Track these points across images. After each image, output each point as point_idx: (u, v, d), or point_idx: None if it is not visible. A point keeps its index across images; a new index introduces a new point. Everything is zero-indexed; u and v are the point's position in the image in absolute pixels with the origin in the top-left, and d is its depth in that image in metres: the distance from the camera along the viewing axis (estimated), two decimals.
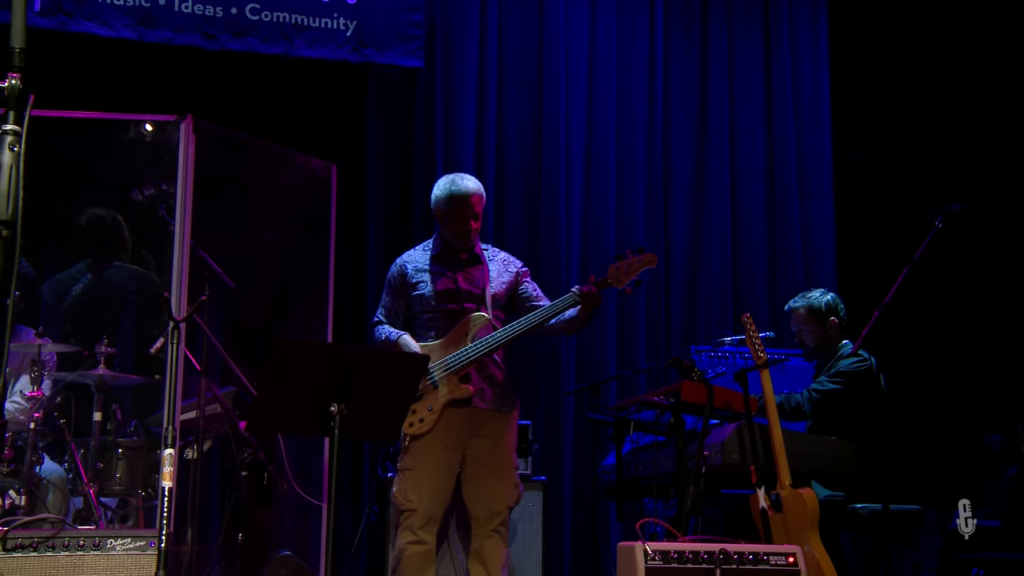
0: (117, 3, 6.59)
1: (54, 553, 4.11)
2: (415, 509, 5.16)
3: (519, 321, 5.22)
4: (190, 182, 5.07)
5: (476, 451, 5.29)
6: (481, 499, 5.29)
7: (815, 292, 5.98)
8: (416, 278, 5.37)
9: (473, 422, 5.25)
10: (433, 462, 5.20)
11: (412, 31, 7.08)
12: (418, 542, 5.21)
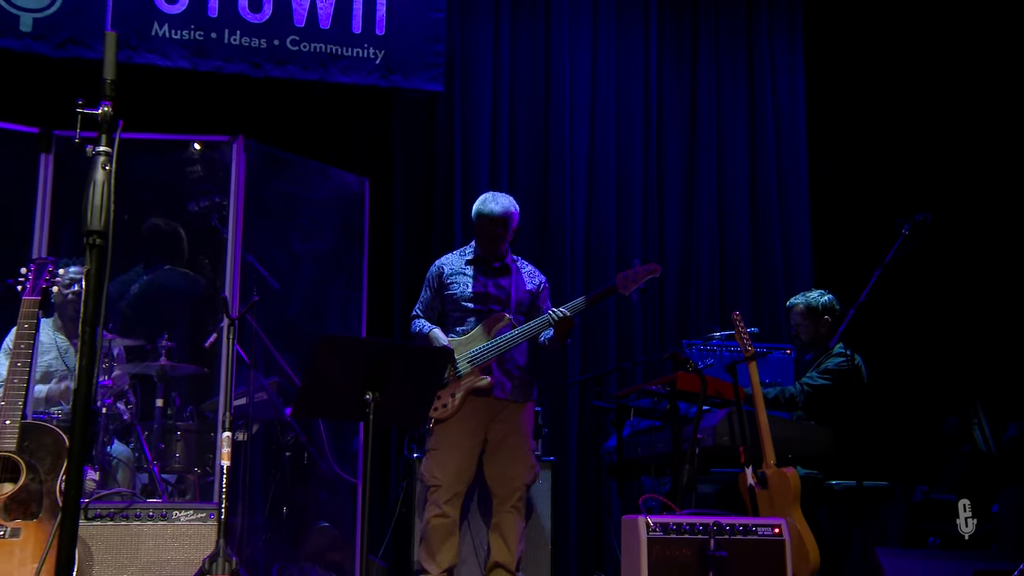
0: (174, 37, 6.63)
1: (127, 523, 4.19)
2: (440, 485, 5.22)
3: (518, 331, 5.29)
4: (241, 195, 5.10)
5: (496, 435, 5.35)
6: (500, 478, 5.35)
7: (814, 292, 6.02)
8: (451, 279, 5.45)
9: (493, 410, 5.31)
10: (456, 444, 5.26)
11: (434, 59, 7.08)
12: (443, 515, 5.27)
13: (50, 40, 6.46)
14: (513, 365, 5.37)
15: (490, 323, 5.30)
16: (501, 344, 5.24)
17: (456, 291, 5.41)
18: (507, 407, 5.35)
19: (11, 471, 3.71)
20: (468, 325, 5.36)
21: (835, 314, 5.90)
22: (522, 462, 5.35)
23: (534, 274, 5.64)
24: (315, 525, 6.03)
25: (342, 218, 5.93)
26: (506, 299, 5.43)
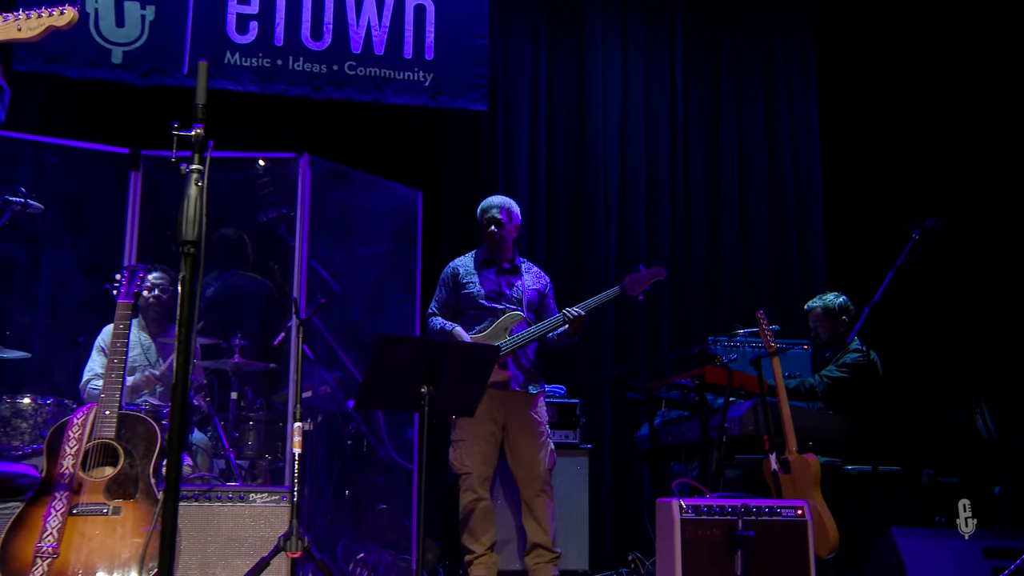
0: (244, 64, 6.74)
1: (210, 503, 4.24)
2: (471, 472, 5.26)
3: (534, 327, 5.33)
4: (307, 207, 5.12)
5: (514, 426, 5.37)
6: (524, 466, 5.37)
7: (830, 295, 6.01)
8: (466, 279, 5.48)
9: (510, 401, 5.34)
10: (479, 433, 5.29)
11: (478, 81, 7.15)
12: (478, 498, 5.30)
13: (137, 70, 6.60)
14: (525, 359, 5.42)
15: (507, 321, 5.35)
16: (517, 340, 5.28)
17: (473, 290, 5.45)
18: (523, 398, 5.39)
19: (111, 456, 3.78)
20: (484, 323, 5.39)
21: (851, 314, 5.90)
22: (541, 449, 5.37)
23: (540, 275, 5.69)
24: (374, 507, 6.06)
25: (397, 227, 5.96)
26: (519, 298, 5.48)
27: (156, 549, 3.53)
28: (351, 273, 5.97)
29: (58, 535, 3.53)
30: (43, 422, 4.84)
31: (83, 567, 3.53)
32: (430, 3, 7.17)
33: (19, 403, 4.78)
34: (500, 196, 5.71)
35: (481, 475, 5.30)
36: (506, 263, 5.56)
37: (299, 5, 6.95)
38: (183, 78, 6.68)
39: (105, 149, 5.33)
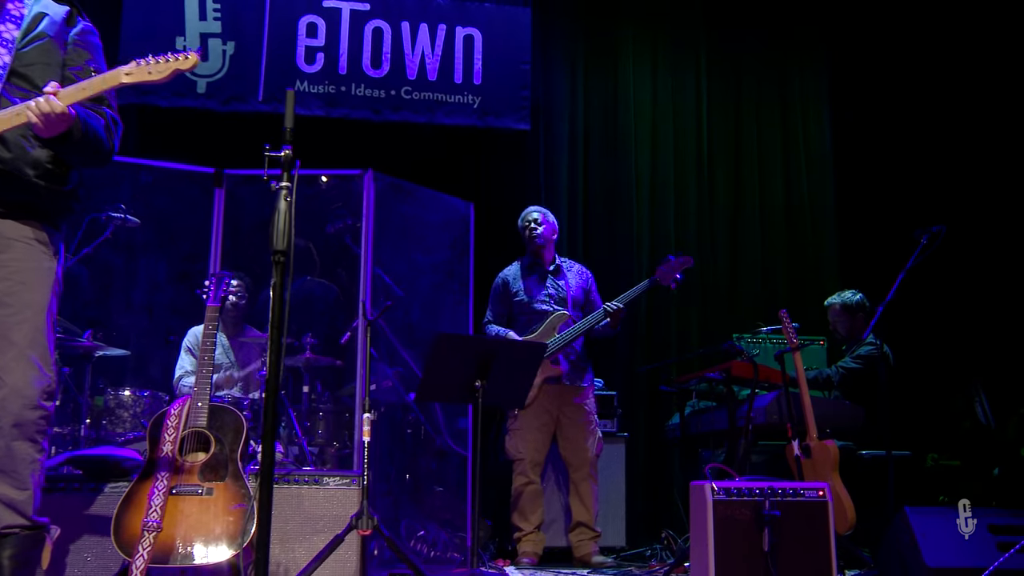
0: (312, 91, 6.87)
1: (288, 485, 4.26)
2: (524, 458, 5.35)
3: (578, 323, 5.39)
4: (371, 218, 5.18)
5: (566, 415, 5.46)
6: (574, 451, 5.47)
7: (847, 292, 6.04)
8: (515, 287, 5.56)
9: (562, 394, 5.43)
10: (534, 423, 5.39)
11: (522, 102, 7.24)
12: (529, 482, 5.39)
13: (218, 98, 6.74)
14: (574, 354, 5.49)
15: (554, 321, 5.43)
16: (565, 337, 5.36)
17: (523, 296, 5.53)
18: (573, 390, 5.47)
19: (203, 443, 3.87)
20: (536, 324, 5.47)
21: (866, 310, 5.92)
22: (590, 436, 5.47)
23: (583, 271, 5.75)
24: (432, 489, 6.11)
25: (452, 236, 5.98)
26: (564, 297, 5.56)
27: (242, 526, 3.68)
28: (410, 278, 5.99)
29: (161, 512, 3.64)
30: (141, 412, 4.97)
31: (182, 540, 3.64)
32: (478, 33, 7.27)
33: (121, 395, 4.90)
34: (536, 206, 5.82)
35: (533, 461, 5.40)
36: (548, 266, 5.64)
37: (361, 37, 7.07)
38: (258, 104, 6.82)
39: (192, 169, 5.40)
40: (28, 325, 2.94)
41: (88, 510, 4.04)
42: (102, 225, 5.35)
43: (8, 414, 2.87)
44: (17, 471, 2.88)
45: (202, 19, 6.84)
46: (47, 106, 2.77)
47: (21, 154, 2.97)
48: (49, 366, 2.98)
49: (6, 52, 2.98)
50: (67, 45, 3.12)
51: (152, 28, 6.70)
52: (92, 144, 3.00)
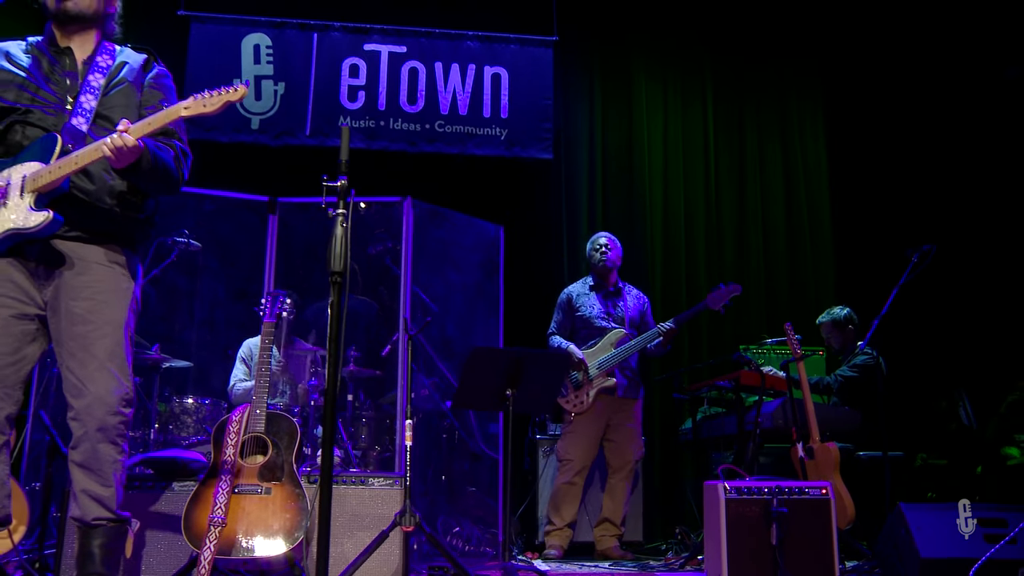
0: (354, 126, 6.96)
1: (336, 485, 4.25)
2: (572, 460, 5.37)
3: (634, 341, 5.43)
4: (410, 241, 5.21)
5: (615, 423, 5.47)
6: (618, 453, 5.49)
7: (836, 309, 6.03)
8: (579, 302, 5.60)
9: (614, 405, 5.45)
10: (586, 431, 5.40)
11: (545, 134, 7.28)
12: (571, 483, 5.40)
13: (270, 133, 6.84)
14: (629, 370, 5.53)
15: (611, 337, 5.46)
16: (622, 353, 5.40)
17: (586, 312, 5.57)
18: (624, 402, 5.50)
19: (262, 447, 3.93)
20: (596, 339, 5.51)
21: (855, 322, 5.93)
22: (635, 443, 5.50)
23: (640, 296, 5.79)
24: (465, 489, 6.13)
25: (483, 257, 6.00)
26: (623, 316, 5.60)
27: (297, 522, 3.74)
28: (445, 296, 6.03)
29: (225, 509, 3.71)
30: (202, 418, 5.01)
31: (244, 534, 3.71)
32: (504, 71, 7.34)
33: (185, 403, 4.96)
34: (605, 232, 5.85)
35: (581, 464, 5.42)
36: (611, 287, 5.69)
37: (398, 77, 7.16)
38: (305, 138, 6.92)
39: (248, 197, 5.48)
40: (109, 340, 3.01)
41: (159, 506, 4.12)
42: (168, 249, 5.43)
43: (93, 419, 2.94)
44: (102, 470, 2.95)
45: (256, 63, 6.97)
46: (119, 140, 2.83)
47: (102, 185, 3.05)
48: (127, 377, 3.05)
49: (93, 98, 3.07)
50: (143, 88, 3.20)
51: (213, 72, 6.83)
52: (162, 173, 3.06)
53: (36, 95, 3.05)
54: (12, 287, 2.98)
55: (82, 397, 2.96)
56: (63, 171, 2.91)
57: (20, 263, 3.00)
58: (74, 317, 2.98)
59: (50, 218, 2.89)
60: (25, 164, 2.93)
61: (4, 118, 3.03)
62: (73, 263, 3.02)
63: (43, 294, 3.02)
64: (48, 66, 3.11)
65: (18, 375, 2.97)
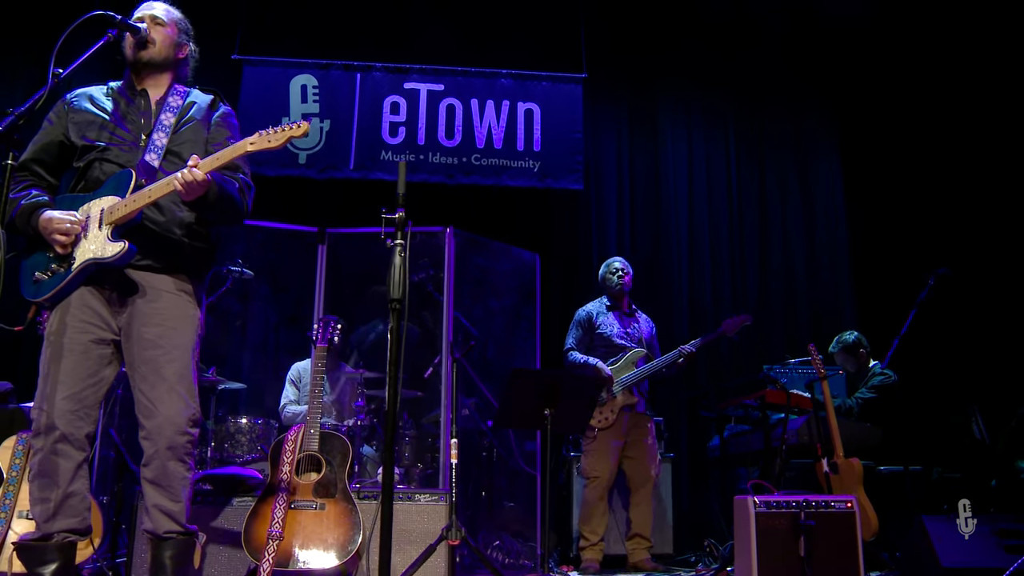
0: (394, 159, 7.06)
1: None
2: (599, 476, 5.35)
3: (657, 360, 5.44)
4: (452, 269, 5.26)
5: (633, 440, 5.45)
6: (638, 471, 5.45)
7: (845, 335, 6.02)
8: (599, 321, 5.60)
9: (632, 420, 5.44)
10: (610, 447, 5.37)
11: (576, 166, 7.31)
12: (600, 499, 5.40)
13: (316, 167, 6.94)
14: (644, 387, 5.55)
15: (633, 356, 5.47)
16: (643, 372, 5.41)
17: (606, 331, 5.57)
18: (642, 418, 5.51)
19: (316, 464, 3.98)
20: (616, 357, 5.52)
21: (865, 344, 5.92)
22: (653, 460, 5.47)
23: (649, 321, 5.81)
24: (504, 504, 6.14)
25: (520, 283, 6.04)
26: (639, 337, 5.61)
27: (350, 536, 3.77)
28: (485, 320, 6.06)
29: (282, 524, 3.76)
30: (255, 437, 5.04)
31: (300, 548, 3.76)
32: (537, 107, 7.40)
33: (239, 422, 5.01)
34: (619, 257, 5.87)
35: (607, 481, 5.38)
36: (626, 308, 5.72)
37: (436, 113, 7.24)
38: (349, 172, 7.01)
39: (297, 228, 5.56)
40: (177, 364, 3.07)
41: (220, 520, 4.17)
42: (223, 277, 5.50)
43: (163, 438, 3.00)
44: (172, 486, 3.01)
45: (303, 102, 7.08)
46: (189, 175, 2.91)
47: (172, 217, 3.14)
48: (194, 398, 3.11)
49: (164, 135, 3.16)
50: (211, 125, 3.29)
51: (264, 111, 6.93)
52: (227, 204, 3.13)
53: (114, 134, 3.15)
54: (91, 314, 3.06)
55: (153, 418, 3.02)
56: (137, 204, 2.99)
57: (97, 291, 3.08)
58: (145, 342, 3.05)
59: (125, 248, 2.96)
60: (103, 198, 3.03)
61: (86, 155, 3.13)
62: (145, 291, 3.09)
63: (118, 320, 3.09)
64: (125, 107, 3.22)
65: (96, 396, 3.05)
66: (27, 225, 3.03)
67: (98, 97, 3.25)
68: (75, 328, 3.03)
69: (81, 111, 3.20)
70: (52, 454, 2.95)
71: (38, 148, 3.18)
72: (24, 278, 3.06)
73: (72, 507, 2.98)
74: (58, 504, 2.96)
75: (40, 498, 2.96)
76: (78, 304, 3.05)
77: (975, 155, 7.58)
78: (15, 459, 3.93)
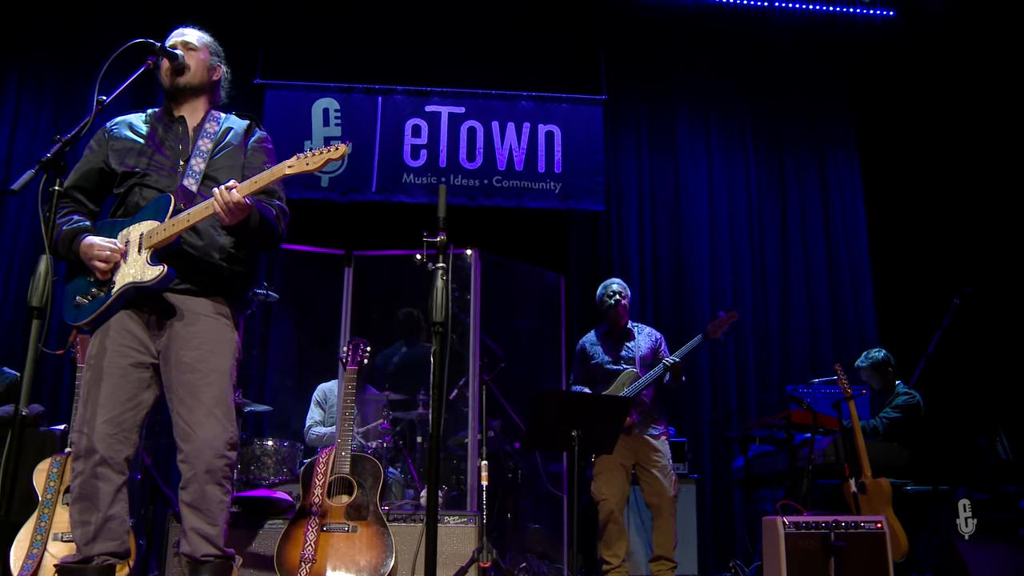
0: (417, 182, 7.09)
1: (415, 524, 4.30)
2: (608, 499, 5.24)
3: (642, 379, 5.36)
4: (478, 291, 5.29)
5: (643, 461, 5.33)
6: (653, 493, 5.33)
7: (873, 352, 5.98)
8: (592, 351, 5.53)
9: (635, 442, 5.32)
10: (614, 469, 5.27)
11: (597, 187, 7.33)
12: (614, 521, 5.28)
13: (338, 190, 6.99)
14: (643, 405, 5.39)
15: (623, 378, 5.34)
16: (634, 390, 5.32)
17: (598, 359, 5.49)
18: (646, 441, 5.35)
19: (347, 487, 4.00)
20: (609, 382, 5.43)
21: (893, 364, 5.89)
22: (667, 479, 5.33)
23: (652, 333, 5.68)
24: (528, 526, 6.13)
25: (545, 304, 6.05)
26: (633, 357, 5.53)
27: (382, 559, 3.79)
28: (510, 341, 6.07)
29: (314, 546, 3.78)
30: (281, 459, 5.03)
31: (332, 570, 3.77)
32: (557, 129, 7.44)
33: (265, 445, 5.02)
34: (616, 279, 5.82)
35: (616, 502, 5.28)
36: (623, 330, 5.67)
37: (458, 136, 7.29)
38: (371, 195, 7.06)
39: (323, 251, 5.59)
40: (215, 387, 3.10)
41: (251, 542, 4.19)
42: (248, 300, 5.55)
43: (201, 462, 3.02)
44: (210, 510, 3.03)
45: (325, 125, 7.15)
46: (226, 194, 2.94)
47: (210, 241, 3.18)
48: (232, 421, 3.12)
49: (201, 160, 3.22)
50: (247, 150, 3.34)
51: (286, 134, 6.97)
52: (265, 229, 3.16)
53: (152, 159, 3.20)
54: (130, 337, 3.09)
55: (190, 441, 3.04)
56: (176, 228, 3.03)
57: (136, 315, 3.12)
58: (183, 366, 3.08)
59: (164, 272, 3.00)
60: (143, 223, 3.07)
61: (126, 181, 3.19)
62: (183, 315, 3.12)
63: (156, 344, 3.13)
64: (163, 133, 3.28)
65: (135, 419, 3.08)
66: (68, 250, 3.08)
67: (137, 124, 3.31)
68: (114, 352, 3.07)
69: (121, 138, 3.26)
70: (92, 477, 2.98)
71: (79, 176, 3.24)
72: (65, 302, 3.10)
73: (112, 530, 3.01)
74: (98, 527, 2.98)
75: (81, 521, 2.99)
76: (117, 328, 3.09)
77: (997, 172, 7.59)
78: (49, 482, 3.96)
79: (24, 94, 7.24)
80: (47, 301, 2.57)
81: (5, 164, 7.06)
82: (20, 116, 7.18)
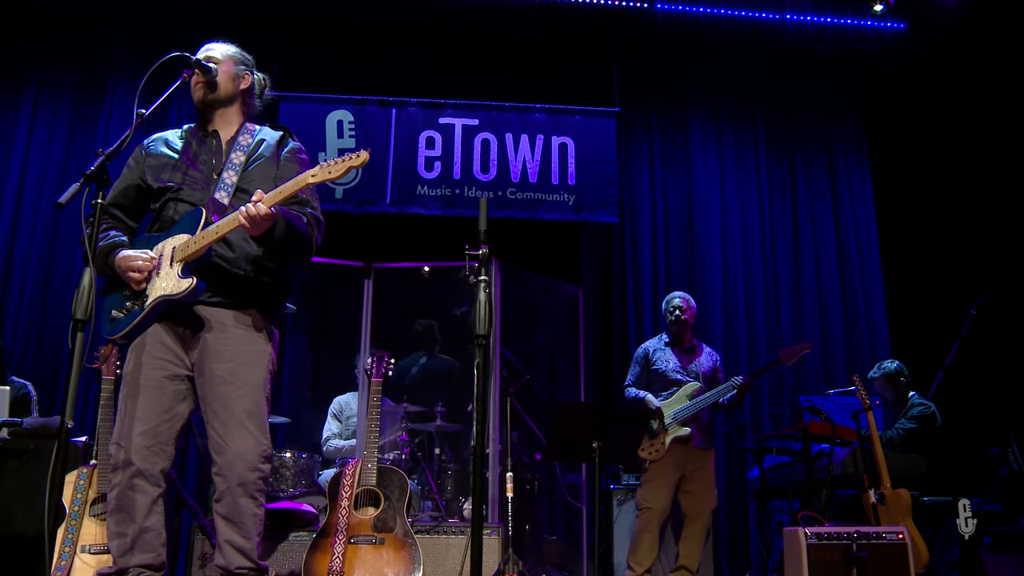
0: (431, 194, 7.10)
1: (439, 536, 4.33)
2: (652, 508, 5.28)
3: (708, 394, 5.44)
4: (498, 303, 5.28)
5: (690, 472, 5.39)
6: (694, 503, 5.39)
7: (887, 363, 6.00)
8: (655, 357, 5.60)
9: (688, 454, 5.38)
10: (663, 479, 5.32)
11: (610, 199, 7.33)
12: (650, 531, 5.32)
13: (352, 202, 7.00)
14: (701, 422, 5.51)
15: (687, 390, 5.45)
16: (696, 404, 5.39)
17: (661, 367, 5.58)
18: (699, 453, 5.47)
19: (374, 499, 4.02)
20: (670, 391, 5.54)
21: (906, 374, 5.91)
22: (709, 492, 5.42)
23: (712, 353, 5.78)
24: (545, 537, 6.13)
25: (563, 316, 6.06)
26: (697, 372, 5.60)
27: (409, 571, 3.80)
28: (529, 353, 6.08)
29: (342, 558, 3.80)
30: (300, 471, 5.05)
31: None
32: (571, 141, 7.45)
33: (284, 457, 5.03)
34: (681, 292, 5.88)
35: (660, 513, 5.33)
36: (687, 344, 5.71)
37: (472, 148, 7.31)
38: (386, 206, 7.07)
39: (343, 263, 5.61)
40: (248, 400, 3.13)
41: (277, 553, 4.21)
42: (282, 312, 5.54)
43: (234, 475, 3.05)
44: (244, 522, 3.05)
45: (339, 137, 7.17)
46: (253, 208, 2.96)
47: (240, 252, 3.21)
48: (265, 434, 3.15)
49: (234, 173, 3.25)
50: (280, 161, 3.37)
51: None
52: (294, 238, 3.17)
53: (186, 174, 3.24)
54: (165, 350, 3.13)
55: (224, 454, 3.07)
56: (206, 241, 3.05)
57: (171, 328, 3.15)
58: (216, 378, 3.11)
59: (194, 284, 3.02)
60: (176, 236, 3.11)
61: (161, 196, 3.23)
62: (216, 327, 3.15)
63: (190, 356, 3.16)
64: (196, 147, 3.32)
65: (171, 432, 3.11)
66: (105, 265, 3.11)
67: (172, 140, 3.36)
68: (150, 365, 3.10)
69: (156, 155, 3.30)
70: (129, 489, 3.01)
71: (117, 193, 3.28)
72: (102, 317, 3.14)
73: (147, 542, 3.03)
74: (134, 539, 3.01)
75: (117, 532, 3.02)
76: (152, 341, 3.13)
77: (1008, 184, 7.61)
78: (76, 494, 3.98)
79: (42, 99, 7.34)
80: (91, 313, 2.60)
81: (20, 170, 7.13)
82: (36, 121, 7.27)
